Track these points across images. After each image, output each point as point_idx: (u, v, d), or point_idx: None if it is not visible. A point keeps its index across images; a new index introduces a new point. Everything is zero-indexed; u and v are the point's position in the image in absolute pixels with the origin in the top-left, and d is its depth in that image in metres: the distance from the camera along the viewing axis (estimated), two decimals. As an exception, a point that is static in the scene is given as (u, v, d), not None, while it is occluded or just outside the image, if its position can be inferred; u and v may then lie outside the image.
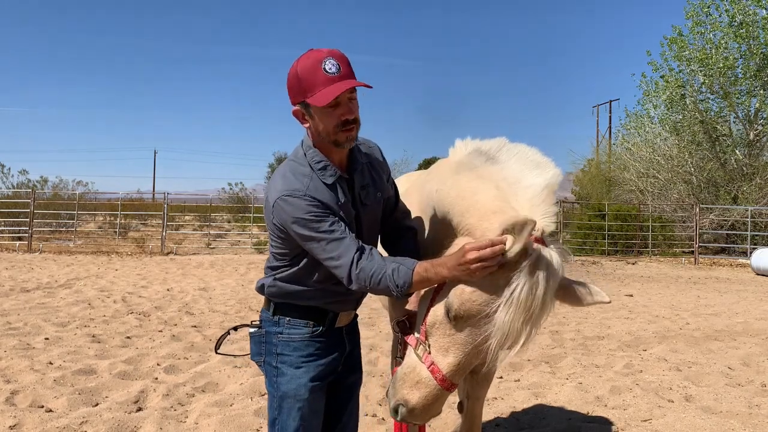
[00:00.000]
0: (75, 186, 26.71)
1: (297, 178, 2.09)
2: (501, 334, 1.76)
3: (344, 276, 2.01)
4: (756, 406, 4.77)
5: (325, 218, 2.03)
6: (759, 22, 20.79)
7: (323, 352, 2.25)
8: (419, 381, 1.91)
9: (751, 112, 21.87)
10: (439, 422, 4.33)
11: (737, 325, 8.26)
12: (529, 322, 1.78)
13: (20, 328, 6.96)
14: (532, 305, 1.77)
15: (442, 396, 1.93)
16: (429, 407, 1.93)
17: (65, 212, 21.95)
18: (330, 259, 2.02)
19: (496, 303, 1.78)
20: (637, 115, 26.98)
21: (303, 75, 2.04)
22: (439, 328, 1.93)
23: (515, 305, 1.76)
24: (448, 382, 1.90)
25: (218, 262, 15.93)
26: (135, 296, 9.70)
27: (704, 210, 20.53)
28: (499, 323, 1.77)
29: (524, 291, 1.76)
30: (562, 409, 4.69)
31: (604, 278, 14.29)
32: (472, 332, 1.84)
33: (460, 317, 1.87)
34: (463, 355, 1.88)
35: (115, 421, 4.13)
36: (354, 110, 2.07)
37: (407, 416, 1.95)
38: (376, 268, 1.98)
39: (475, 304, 1.82)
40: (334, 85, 2.00)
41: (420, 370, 1.93)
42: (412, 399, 1.92)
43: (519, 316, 1.76)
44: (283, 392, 2.22)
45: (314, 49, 2.09)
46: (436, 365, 1.90)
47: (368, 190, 2.27)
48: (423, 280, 1.95)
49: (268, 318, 2.29)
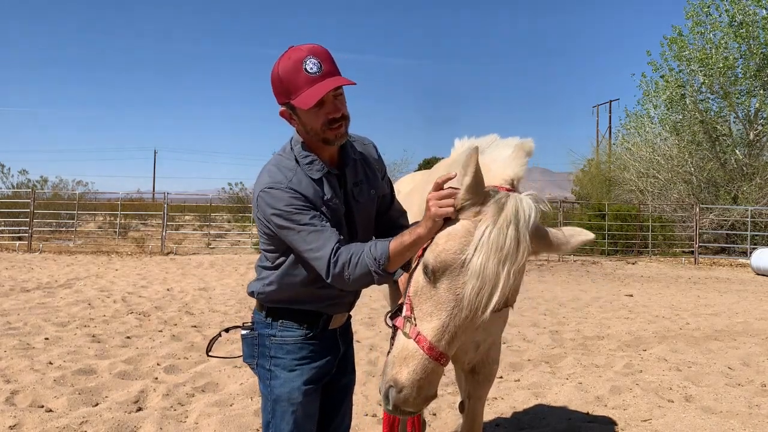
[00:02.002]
0: (75, 186, 26.66)
1: (281, 171, 2.09)
2: (476, 277, 1.73)
3: (323, 267, 1.96)
4: (756, 406, 4.77)
5: (306, 211, 2.01)
6: (759, 22, 20.78)
7: (317, 355, 2.22)
8: (407, 356, 1.82)
9: (751, 112, 21.86)
10: (440, 422, 4.34)
11: (737, 325, 8.26)
12: (504, 263, 1.73)
13: (20, 328, 6.96)
14: (504, 244, 1.73)
15: (434, 371, 1.81)
16: (420, 385, 1.79)
17: (65, 212, 21.96)
18: (309, 251, 1.98)
19: (469, 248, 1.77)
20: (637, 115, 26.99)
21: (284, 77, 2.02)
22: (421, 294, 1.87)
23: (486, 245, 1.74)
24: (437, 351, 1.79)
25: (218, 262, 15.93)
26: (135, 296, 9.70)
27: (704, 210, 20.52)
28: (472, 267, 1.74)
29: (494, 231, 1.75)
30: (562, 409, 4.69)
31: (604, 278, 14.29)
32: (451, 286, 1.79)
33: (437, 270, 1.81)
34: (447, 316, 1.79)
35: (115, 421, 4.13)
36: (340, 107, 2.05)
37: (399, 399, 1.81)
38: (354, 251, 1.95)
39: (449, 253, 1.80)
40: (316, 86, 1.97)
41: (407, 344, 1.84)
42: (401, 377, 1.80)
43: (491, 257, 1.73)
44: (276, 395, 2.19)
45: (294, 47, 2.05)
46: (421, 334, 1.81)
47: (361, 186, 2.25)
48: (401, 246, 1.92)
49: (260, 320, 2.25)
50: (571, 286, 12.49)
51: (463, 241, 1.79)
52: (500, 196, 1.83)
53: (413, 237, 1.90)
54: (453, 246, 1.80)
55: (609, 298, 10.82)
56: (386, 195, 2.41)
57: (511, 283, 1.75)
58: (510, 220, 1.76)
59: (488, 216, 1.79)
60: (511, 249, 1.74)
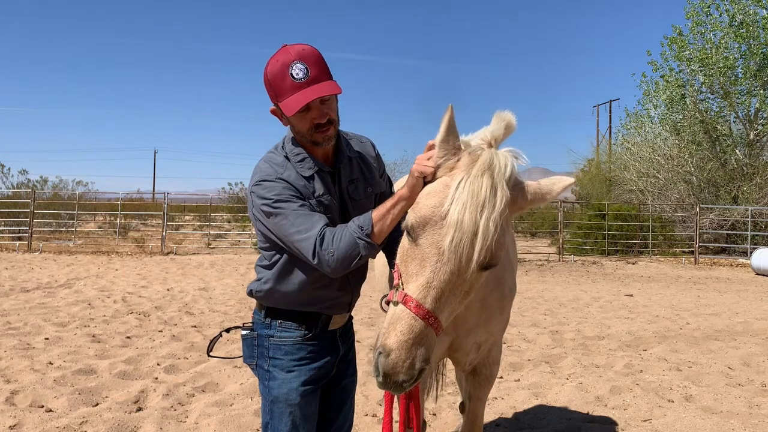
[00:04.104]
0: (75, 186, 26.71)
1: (271, 166, 2.11)
2: (454, 227, 1.72)
3: (310, 247, 1.95)
4: (756, 406, 4.77)
5: (295, 200, 2.04)
6: (759, 21, 20.78)
7: (316, 356, 2.21)
8: (395, 320, 1.75)
9: (751, 112, 21.85)
10: (440, 422, 4.34)
11: (737, 325, 8.26)
12: (482, 211, 1.72)
13: (20, 328, 6.96)
14: (480, 192, 1.74)
15: (423, 332, 1.72)
16: (408, 346, 1.70)
17: (65, 212, 21.96)
18: (297, 233, 1.99)
19: (446, 200, 1.78)
20: (637, 115, 27.00)
21: (272, 80, 2.05)
22: (406, 256, 1.85)
23: (462, 195, 1.75)
24: (423, 309, 1.72)
25: (218, 261, 15.93)
26: (135, 296, 9.70)
27: (704, 210, 20.51)
28: (449, 217, 1.74)
29: (469, 179, 1.76)
30: (562, 409, 4.69)
31: (604, 278, 14.29)
32: (433, 241, 1.77)
33: (417, 226, 1.80)
34: (430, 271, 1.75)
35: (115, 421, 4.12)
36: (327, 113, 2.07)
37: (387, 365, 1.71)
38: (338, 229, 1.99)
39: (428, 207, 1.81)
40: (300, 93, 1.99)
41: (395, 310, 1.77)
42: (389, 340, 1.72)
43: (468, 205, 1.73)
44: (274, 396, 2.19)
45: (286, 47, 2.07)
46: (408, 295, 1.76)
47: (357, 184, 2.26)
48: (383, 209, 1.96)
49: (260, 320, 2.25)
50: (572, 286, 12.49)
51: (441, 196, 1.81)
52: (475, 149, 1.88)
53: (395, 199, 1.95)
54: (432, 201, 1.82)
55: (609, 298, 10.82)
56: (385, 193, 2.41)
57: (491, 232, 1.72)
58: (484, 169, 1.78)
59: (463, 167, 1.83)
60: (487, 196, 1.74)
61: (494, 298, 2.52)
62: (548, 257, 18.97)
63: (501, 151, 1.87)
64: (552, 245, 22.14)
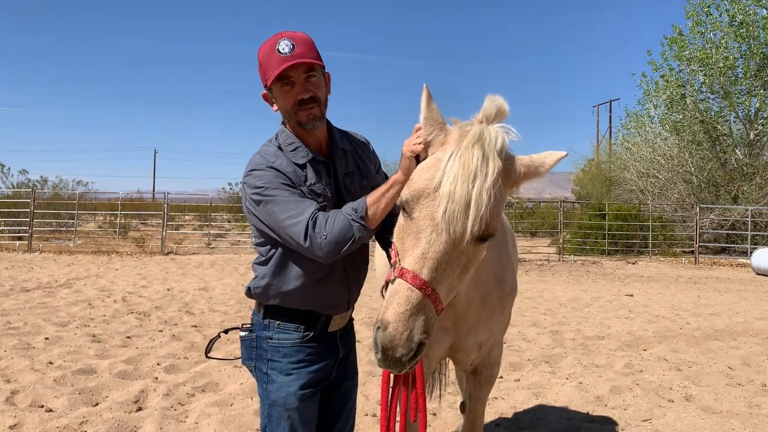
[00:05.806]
0: (75, 186, 26.69)
1: (263, 157, 2.12)
2: (446, 197, 1.74)
3: (301, 231, 1.94)
4: (756, 405, 4.77)
5: (287, 187, 2.04)
6: (759, 21, 20.77)
7: (315, 358, 2.18)
8: (392, 294, 1.73)
9: (752, 112, 21.85)
10: (440, 422, 4.33)
11: (737, 325, 8.26)
12: (474, 181, 1.73)
13: (20, 328, 6.96)
14: (471, 162, 1.75)
15: (420, 303, 1.70)
16: (406, 317, 1.68)
17: (65, 212, 21.94)
18: (288, 218, 1.98)
19: (438, 173, 1.80)
20: (638, 114, 27.02)
21: (262, 59, 2.09)
22: (402, 232, 1.86)
23: (454, 166, 1.77)
24: (420, 280, 1.70)
25: (218, 261, 15.93)
26: (135, 296, 9.70)
27: (704, 210, 20.51)
28: (442, 189, 1.76)
29: (460, 151, 1.79)
30: (562, 409, 4.69)
31: (604, 278, 14.29)
32: (427, 213, 1.78)
33: (411, 200, 1.81)
34: (426, 242, 1.75)
35: (115, 420, 4.12)
36: (311, 89, 2.08)
37: (385, 338, 1.67)
38: (331, 213, 1.99)
39: (421, 180, 1.83)
40: (282, 63, 2.02)
41: (393, 286, 1.76)
42: (386, 314, 1.70)
43: (460, 175, 1.74)
44: (272, 400, 2.15)
45: (281, 32, 2.11)
46: (404, 268, 1.75)
47: (353, 177, 2.26)
48: (377, 193, 1.98)
49: (258, 321, 2.22)
50: (572, 286, 12.49)
51: (434, 169, 1.83)
52: (465, 124, 1.90)
53: (389, 183, 1.97)
54: (425, 175, 1.84)
55: (609, 298, 10.82)
56: None
57: (484, 202, 1.72)
58: (475, 141, 1.79)
59: (454, 141, 1.85)
60: (478, 166, 1.75)
61: (495, 297, 2.52)
62: (548, 257, 18.97)
63: (492, 125, 1.88)
64: (552, 245, 22.14)
